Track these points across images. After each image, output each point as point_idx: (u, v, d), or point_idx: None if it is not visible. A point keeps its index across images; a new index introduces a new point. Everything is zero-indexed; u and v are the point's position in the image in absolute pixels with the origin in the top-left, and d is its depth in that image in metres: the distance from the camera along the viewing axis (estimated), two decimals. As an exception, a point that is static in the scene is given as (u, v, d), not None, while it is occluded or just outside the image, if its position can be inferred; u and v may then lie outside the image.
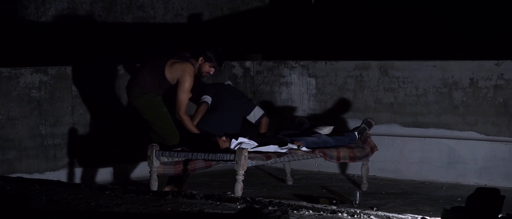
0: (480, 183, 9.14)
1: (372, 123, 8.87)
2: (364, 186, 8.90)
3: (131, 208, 6.24)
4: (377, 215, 5.87)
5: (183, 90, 8.25)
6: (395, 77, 9.76)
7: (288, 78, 10.50)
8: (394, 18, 13.49)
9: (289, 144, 8.21)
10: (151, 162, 8.01)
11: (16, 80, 8.96)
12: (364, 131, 8.79)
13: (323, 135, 8.57)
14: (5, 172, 8.73)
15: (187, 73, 8.25)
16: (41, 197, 6.73)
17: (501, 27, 12.74)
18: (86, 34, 11.45)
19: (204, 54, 8.33)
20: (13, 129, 8.92)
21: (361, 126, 8.83)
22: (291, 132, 8.76)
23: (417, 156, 9.61)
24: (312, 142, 8.40)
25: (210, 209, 6.19)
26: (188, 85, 8.26)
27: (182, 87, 8.24)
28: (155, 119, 8.32)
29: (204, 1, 12.48)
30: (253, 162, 7.83)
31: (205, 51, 8.34)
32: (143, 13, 11.94)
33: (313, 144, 8.38)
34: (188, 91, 8.29)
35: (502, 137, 9.15)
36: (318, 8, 13.74)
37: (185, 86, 8.25)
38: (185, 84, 8.25)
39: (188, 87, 8.28)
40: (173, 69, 8.25)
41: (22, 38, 11.01)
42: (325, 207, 6.15)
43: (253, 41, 12.73)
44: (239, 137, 8.09)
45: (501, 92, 9.16)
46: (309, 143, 8.36)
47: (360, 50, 13.16)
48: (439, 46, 12.69)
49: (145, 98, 8.27)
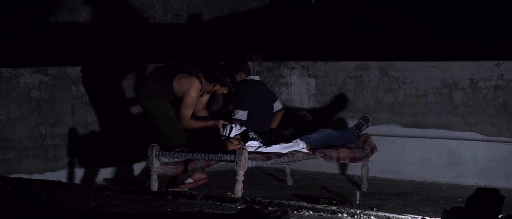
0: (480, 183, 9.14)
1: (369, 118, 8.86)
2: (364, 187, 8.90)
3: (131, 209, 6.24)
4: (377, 215, 5.86)
5: (185, 106, 8.30)
6: (395, 77, 9.76)
7: (288, 79, 10.50)
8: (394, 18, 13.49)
9: (294, 143, 8.19)
10: (151, 162, 8.02)
11: (16, 80, 8.95)
12: (361, 126, 8.78)
13: (326, 129, 8.58)
14: (5, 172, 8.72)
15: (192, 89, 8.29)
16: (41, 198, 6.73)
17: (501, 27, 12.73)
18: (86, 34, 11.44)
19: (220, 82, 8.37)
20: (13, 129, 8.92)
21: (359, 121, 8.85)
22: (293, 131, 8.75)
23: (417, 157, 9.61)
24: (316, 139, 8.41)
25: (210, 210, 6.19)
26: (191, 101, 8.30)
27: (184, 103, 8.30)
28: (162, 121, 8.36)
29: (204, 1, 12.48)
30: (253, 162, 7.84)
31: (221, 78, 8.36)
32: (143, 14, 11.94)
33: (317, 141, 8.39)
34: (191, 107, 8.33)
35: (502, 137, 9.15)
36: (318, 8, 13.74)
37: (187, 102, 8.30)
38: (188, 100, 8.29)
39: (191, 103, 8.32)
40: (180, 83, 8.32)
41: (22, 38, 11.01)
42: (325, 207, 6.15)
43: (253, 41, 12.73)
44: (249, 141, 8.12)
45: (501, 92, 9.16)
46: (313, 141, 8.36)
47: (360, 50, 13.15)
48: (439, 46, 12.68)
49: (153, 101, 8.33)
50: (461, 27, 13.04)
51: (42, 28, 11.17)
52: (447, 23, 13.18)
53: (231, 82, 8.42)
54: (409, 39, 13.19)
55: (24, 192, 7.02)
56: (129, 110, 9.67)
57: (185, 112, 8.31)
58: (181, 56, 11.72)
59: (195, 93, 8.30)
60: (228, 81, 8.38)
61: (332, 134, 8.57)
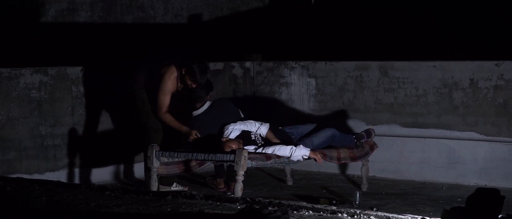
0: (480, 183, 9.14)
1: (372, 133, 8.86)
2: (364, 187, 8.90)
3: (131, 209, 6.24)
4: (377, 215, 5.87)
5: (162, 91, 8.28)
6: (395, 77, 9.76)
7: (288, 79, 10.50)
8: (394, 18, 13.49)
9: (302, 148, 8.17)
10: (151, 162, 8.02)
11: (16, 80, 8.95)
12: (361, 138, 8.79)
13: (330, 129, 8.58)
14: (5, 172, 8.72)
15: (167, 75, 8.29)
16: (41, 198, 6.73)
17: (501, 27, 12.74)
18: (86, 34, 11.45)
19: (187, 66, 8.26)
20: (13, 129, 8.92)
21: (361, 132, 8.85)
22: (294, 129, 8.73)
23: (417, 157, 9.61)
24: (319, 143, 8.42)
25: (210, 210, 6.19)
26: (165, 87, 8.28)
27: (161, 89, 8.27)
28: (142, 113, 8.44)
29: (204, 1, 12.48)
30: (253, 162, 7.84)
31: (189, 63, 8.24)
32: (143, 14, 11.94)
33: (320, 145, 8.41)
34: (166, 94, 8.29)
35: (502, 137, 9.15)
36: (318, 8, 13.74)
37: (162, 87, 8.28)
38: (163, 85, 8.28)
39: (166, 89, 8.28)
40: (161, 72, 8.33)
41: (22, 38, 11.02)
42: (325, 207, 6.15)
43: (253, 41, 12.73)
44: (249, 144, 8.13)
45: (501, 92, 9.16)
46: (316, 145, 8.38)
47: (360, 50, 13.16)
48: (439, 46, 12.69)
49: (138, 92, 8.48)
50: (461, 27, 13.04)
51: (42, 28, 11.17)
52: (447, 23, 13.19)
53: (199, 72, 8.18)
54: (409, 39, 13.19)
55: (24, 192, 7.02)
56: (129, 110, 9.67)
57: (160, 99, 8.27)
58: (181, 56, 11.72)
59: (169, 79, 8.27)
60: (195, 69, 8.17)
61: (335, 134, 8.58)
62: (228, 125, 8.30)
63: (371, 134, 8.84)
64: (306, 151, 8.14)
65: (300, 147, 8.16)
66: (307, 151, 8.15)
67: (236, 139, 8.06)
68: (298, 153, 8.11)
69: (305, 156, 8.16)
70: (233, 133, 8.20)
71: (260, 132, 8.31)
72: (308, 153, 8.15)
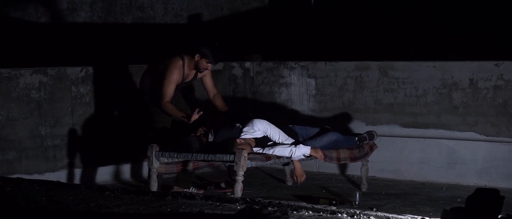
0: (480, 183, 9.14)
1: (375, 135, 8.85)
2: (363, 187, 8.90)
3: (131, 209, 6.24)
4: (377, 215, 5.87)
5: (167, 81, 8.26)
6: (395, 77, 9.76)
7: (288, 79, 10.50)
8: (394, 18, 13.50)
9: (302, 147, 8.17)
10: (151, 162, 8.02)
11: (15, 81, 8.95)
12: (364, 140, 8.77)
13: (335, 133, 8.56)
14: (4, 172, 8.72)
15: (172, 64, 8.29)
16: (41, 198, 6.73)
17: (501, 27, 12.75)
18: (86, 34, 11.45)
19: (200, 51, 8.31)
20: (12, 129, 8.92)
21: (363, 134, 8.84)
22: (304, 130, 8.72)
23: (417, 157, 9.61)
24: (323, 146, 8.41)
25: (209, 210, 6.19)
26: (172, 77, 8.27)
27: (166, 78, 8.26)
28: None
29: (204, 1, 12.48)
30: (252, 162, 7.84)
31: (200, 48, 8.30)
32: (143, 14, 11.94)
33: (324, 147, 8.41)
34: (171, 83, 8.27)
35: (501, 137, 9.15)
36: (318, 8, 13.74)
37: (168, 77, 8.26)
38: (169, 75, 8.26)
39: (171, 78, 8.27)
40: (165, 64, 8.33)
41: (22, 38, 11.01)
42: (324, 207, 6.15)
43: (253, 42, 12.73)
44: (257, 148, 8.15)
45: (501, 92, 9.16)
46: (320, 147, 8.38)
47: (360, 50, 13.16)
48: (439, 46, 12.69)
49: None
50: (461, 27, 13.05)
51: (42, 28, 11.17)
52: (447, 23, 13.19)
53: (211, 54, 8.27)
54: (409, 39, 13.20)
55: (24, 192, 7.02)
56: (129, 110, 9.67)
57: (165, 88, 8.24)
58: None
59: (175, 68, 8.27)
60: (207, 52, 8.25)
61: (339, 139, 8.56)
62: (259, 124, 8.22)
63: (374, 136, 8.83)
64: (306, 149, 8.16)
65: (300, 146, 8.17)
66: (308, 149, 8.17)
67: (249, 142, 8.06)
68: (298, 153, 8.12)
69: (306, 154, 8.18)
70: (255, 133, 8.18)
71: (293, 153, 8.25)
72: (308, 151, 8.17)
